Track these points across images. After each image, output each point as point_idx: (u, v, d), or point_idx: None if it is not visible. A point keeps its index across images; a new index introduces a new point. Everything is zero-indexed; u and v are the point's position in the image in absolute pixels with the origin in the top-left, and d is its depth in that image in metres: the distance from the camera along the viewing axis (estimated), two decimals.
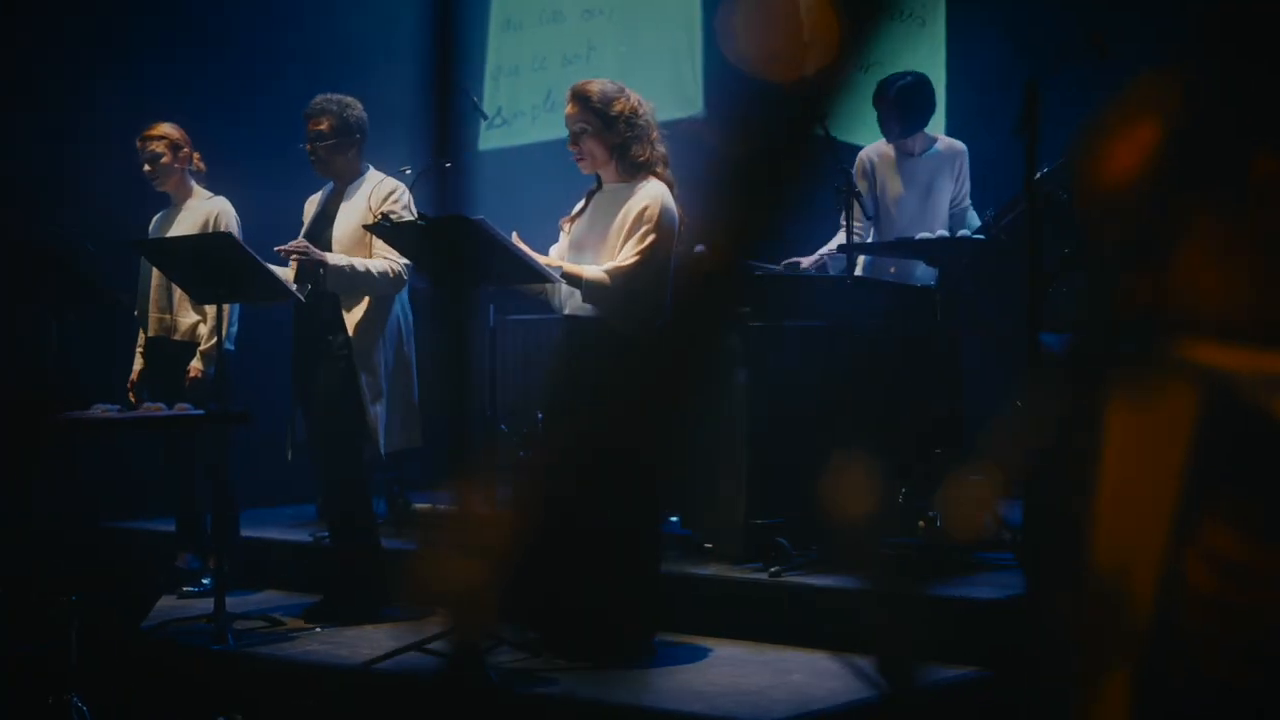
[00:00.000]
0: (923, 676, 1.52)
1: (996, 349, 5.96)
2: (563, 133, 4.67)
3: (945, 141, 5.91)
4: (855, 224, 5.73)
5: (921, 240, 5.39)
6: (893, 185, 5.77)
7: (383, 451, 5.16)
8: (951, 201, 5.87)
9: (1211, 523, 1.32)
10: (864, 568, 1.59)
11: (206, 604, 5.16)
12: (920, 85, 5.74)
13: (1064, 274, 4.05)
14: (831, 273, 5.81)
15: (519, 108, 8.52)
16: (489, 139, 8.40)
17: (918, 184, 5.78)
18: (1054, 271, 4.81)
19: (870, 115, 5.81)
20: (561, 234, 4.75)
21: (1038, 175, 5.58)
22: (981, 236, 5.40)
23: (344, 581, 5.21)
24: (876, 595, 1.57)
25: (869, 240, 5.76)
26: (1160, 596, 1.32)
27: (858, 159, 5.85)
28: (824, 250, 5.82)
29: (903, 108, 5.67)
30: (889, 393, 5.24)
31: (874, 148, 5.86)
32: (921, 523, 5.38)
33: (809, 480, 5.29)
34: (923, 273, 5.74)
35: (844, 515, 1.56)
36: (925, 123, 5.81)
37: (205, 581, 5.66)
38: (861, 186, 5.79)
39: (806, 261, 5.79)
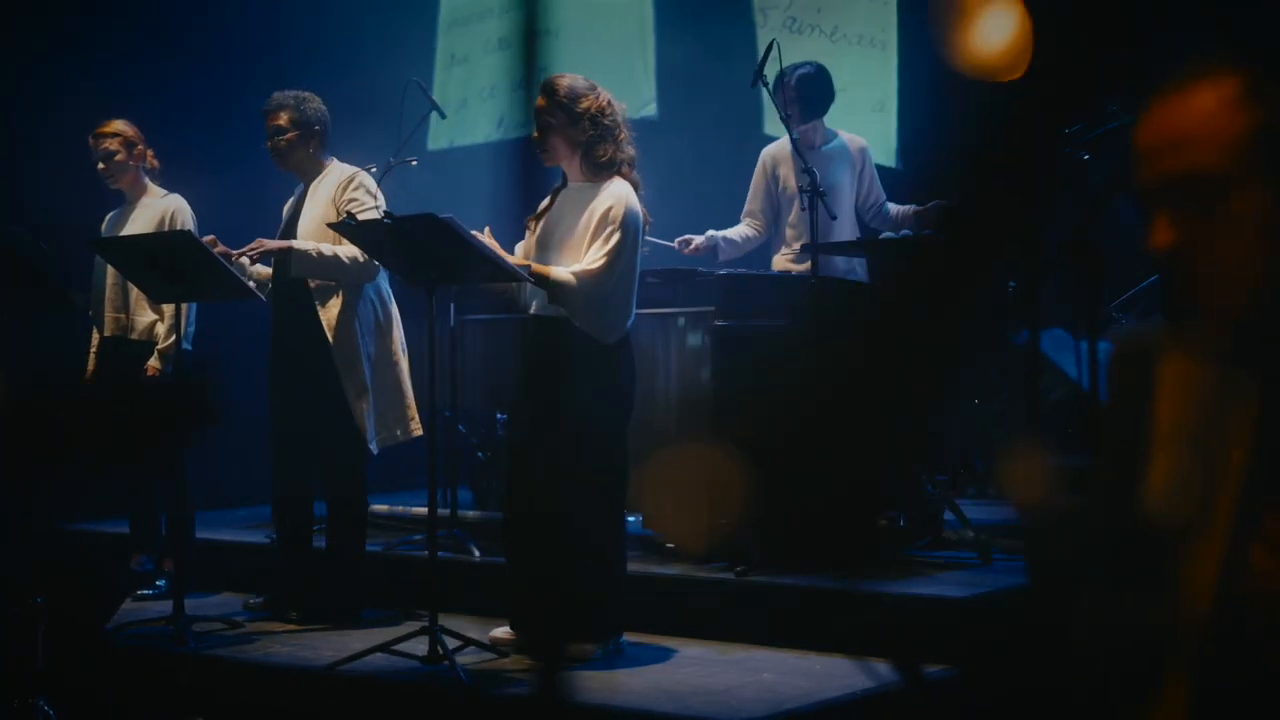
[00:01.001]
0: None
1: (950, 348, 6.00)
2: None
3: (847, 136, 5.98)
4: (750, 223, 5.86)
5: (883, 240, 5.42)
6: (791, 180, 5.81)
7: (374, 448, 5.11)
8: (864, 202, 5.91)
9: (1277, 512, 1.32)
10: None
11: (162, 606, 5.10)
12: (819, 75, 5.84)
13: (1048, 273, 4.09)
14: (722, 257, 5.90)
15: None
16: (437, 139, 8.34)
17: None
18: (1043, 270, 4.85)
19: None
20: (527, 231, 4.72)
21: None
22: (942, 237, 5.43)
23: (332, 583, 5.14)
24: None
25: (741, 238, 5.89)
26: (1221, 589, 1.32)
27: (760, 157, 5.93)
28: (717, 232, 5.87)
29: (801, 95, 5.73)
30: (851, 390, 5.25)
31: (776, 145, 5.96)
32: (882, 521, 5.41)
33: (773, 479, 5.31)
34: (836, 268, 5.80)
35: (1027, 502, 1.54)
36: (823, 112, 5.88)
37: (160, 584, 5.59)
38: (759, 185, 5.88)
39: (697, 240, 5.81)
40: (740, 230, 5.93)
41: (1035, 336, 3.18)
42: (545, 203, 4.68)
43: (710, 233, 5.84)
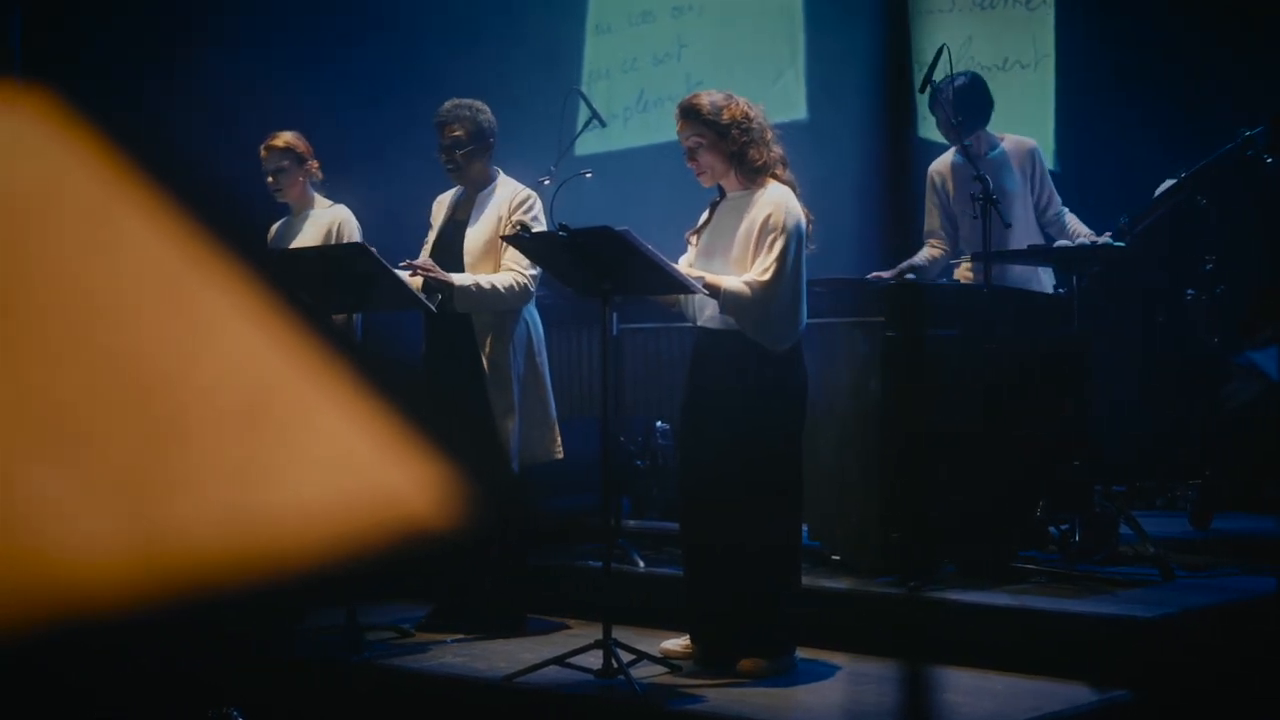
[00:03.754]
0: None
1: (1128, 357, 5.85)
2: (657, 135, 4.63)
3: (1013, 140, 5.84)
4: (933, 243, 5.70)
5: (1059, 247, 5.30)
6: (961, 193, 5.67)
7: (515, 467, 5.11)
8: (1037, 206, 5.76)
9: None
10: None
11: (328, 615, 5.14)
12: (974, 83, 5.72)
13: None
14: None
15: (612, 111, 8.48)
16: (584, 144, 8.36)
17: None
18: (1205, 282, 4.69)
19: None
20: (689, 246, 4.69)
21: (1170, 182, 5.49)
22: (1122, 244, 5.29)
23: (493, 595, 5.17)
24: None
25: (945, 253, 5.74)
26: None
27: (927, 174, 5.80)
28: (905, 264, 5.65)
29: (959, 108, 5.60)
30: (1024, 403, 5.15)
31: (939, 160, 5.81)
32: (1054, 537, 5.27)
33: (946, 491, 5.19)
34: (1015, 277, 5.64)
35: None
36: (985, 121, 5.75)
37: None
38: (933, 202, 5.75)
39: (888, 275, 5.45)
40: (926, 254, 5.79)
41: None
42: (704, 217, 4.66)
43: (900, 266, 5.59)
